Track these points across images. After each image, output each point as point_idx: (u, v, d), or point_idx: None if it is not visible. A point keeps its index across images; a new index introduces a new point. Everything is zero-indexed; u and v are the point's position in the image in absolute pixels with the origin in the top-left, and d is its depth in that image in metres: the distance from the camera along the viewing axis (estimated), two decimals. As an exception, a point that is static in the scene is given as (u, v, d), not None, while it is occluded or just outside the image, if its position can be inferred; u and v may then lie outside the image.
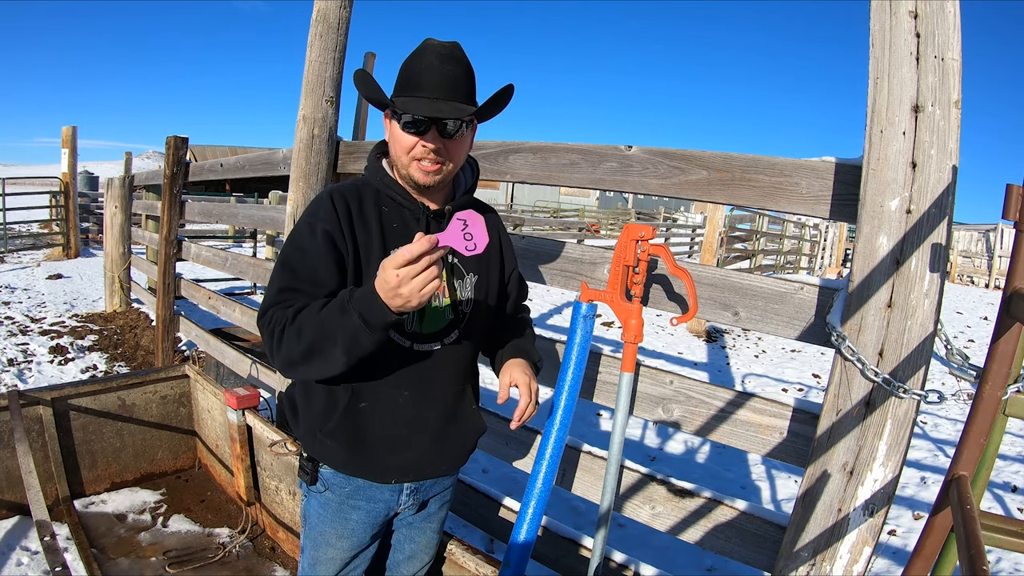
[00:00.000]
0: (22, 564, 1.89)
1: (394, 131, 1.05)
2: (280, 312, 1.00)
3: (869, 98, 1.15)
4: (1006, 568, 2.43)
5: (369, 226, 1.08)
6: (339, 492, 1.16)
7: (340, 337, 0.92)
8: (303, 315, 0.98)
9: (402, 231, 1.10)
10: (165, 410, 2.56)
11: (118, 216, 5.71)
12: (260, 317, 1.05)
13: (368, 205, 1.10)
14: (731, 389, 1.45)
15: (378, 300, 0.88)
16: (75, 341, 4.59)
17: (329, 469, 1.16)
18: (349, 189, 1.10)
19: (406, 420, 1.13)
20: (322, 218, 1.05)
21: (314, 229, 1.04)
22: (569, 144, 1.68)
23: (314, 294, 1.02)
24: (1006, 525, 0.93)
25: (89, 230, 11.35)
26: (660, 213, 23.45)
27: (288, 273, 1.04)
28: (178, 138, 3.84)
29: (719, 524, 1.45)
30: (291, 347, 0.97)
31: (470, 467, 3.00)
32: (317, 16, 2.27)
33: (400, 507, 1.22)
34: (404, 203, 1.11)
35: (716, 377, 5.24)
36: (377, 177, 1.12)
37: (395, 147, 1.07)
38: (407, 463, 1.15)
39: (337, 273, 1.05)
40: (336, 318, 0.93)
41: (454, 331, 1.16)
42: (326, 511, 1.18)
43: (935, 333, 1.12)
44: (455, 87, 1.02)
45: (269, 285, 1.07)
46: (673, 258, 1.42)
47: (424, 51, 1.03)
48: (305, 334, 0.95)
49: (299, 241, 1.06)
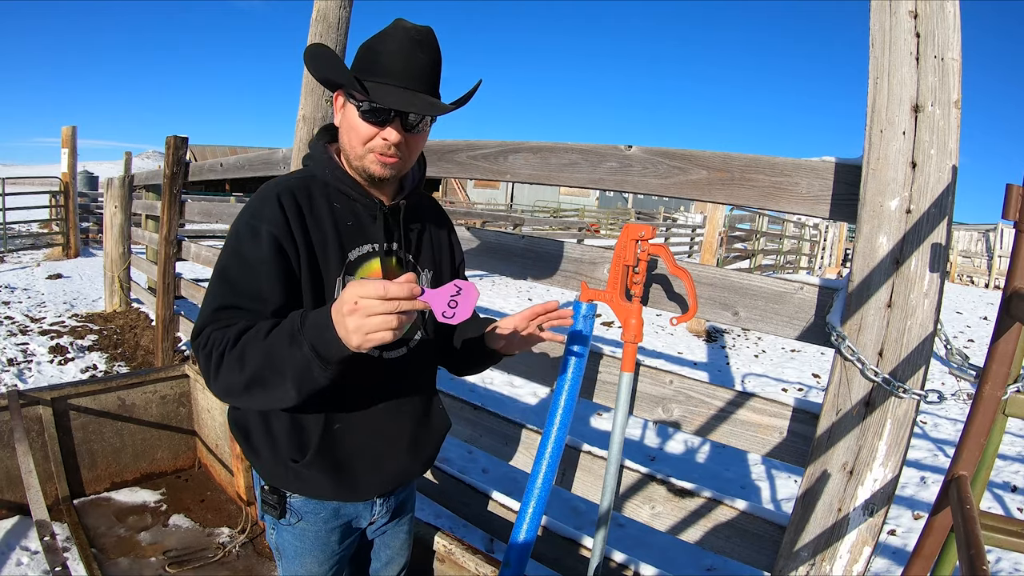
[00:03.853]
0: (22, 564, 1.89)
1: (350, 118, 0.95)
2: (218, 333, 0.86)
3: (869, 98, 1.15)
4: (1006, 568, 2.43)
5: (323, 224, 0.97)
6: (314, 519, 1.07)
7: (289, 370, 0.80)
8: (246, 340, 0.84)
9: (357, 229, 1.00)
10: (165, 410, 2.56)
11: (118, 216, 5.71)
12: (194, 337, 0.90)
13: (319, 201, 0.98)
14: (731, 389, 1.45)
15: (332, 330, 0.76)
16: (75, 341, 4.59)
17: (300, 498, 1.05)
18: (296, 184, 0.98)
19: (383, 433, 1.06)
20: (267, 219, 0.92)
21: (257, 233, 0.91)
22: (569, 144, 1.68)
23: (258, 311, 0.89)
24: (1006, 525, 0.93)
25: (89, 230, 11.34)
26: (660, 213, 23.46)
27: (226, 287, 0.90)
28: (178, 138, 3.84)
29: (719, 524, 1.45)
30: (231, 376, 0.83)
31: (470, 467, 3.00)
32: (317, 16, 2.27)
33: (374, 517, 1.16)
34: (357, 198, 1.00)
35: (716, 377, 5.24)
36: (327, 169, 1.00)
37: (349, 135, 0.96)
38: (386, 476, 1.09)
39: (284, 285, 0.91)
40: (284, 347, 0.80)
41: (418, 332, 1.09)
42: (303, 542, 1.09)
43: (935, 333, 1.12)
44: (424, 77, 0.93)
45: (205, 299, 0.93)
46: (673, 258, 1.42)
47: (395, 33, 0.92)
48: (248, 363, 0.82)
49: (240, 248, 0.92)
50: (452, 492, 2.11)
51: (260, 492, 1.08)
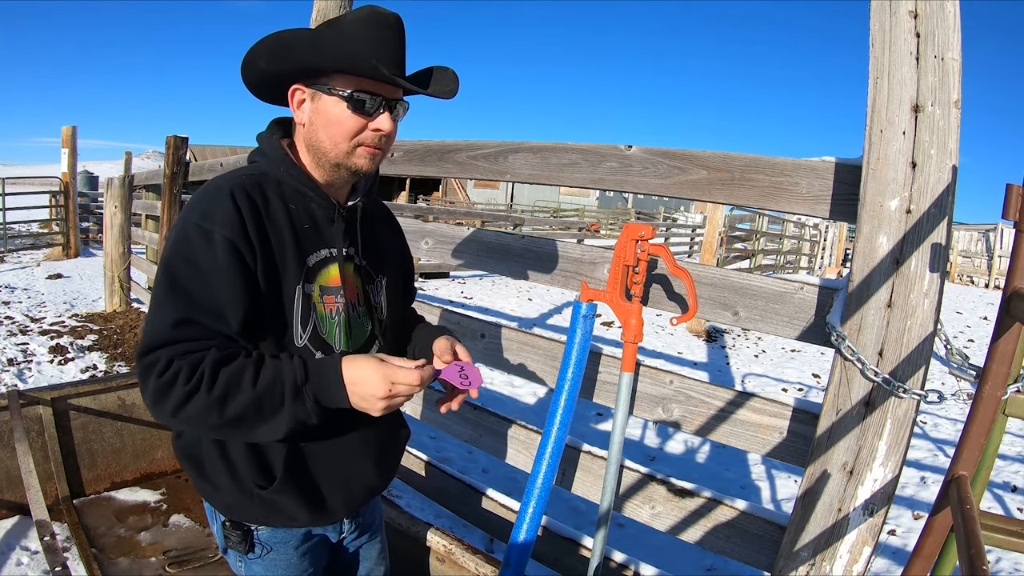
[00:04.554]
0: (22, 564, 1.89)
1: (329, 111, 0.86)
2: (183, 362, 0.77)
3: (869, 98, 1.15)
4: (1006, 568, 2.43)
5: (280, 227, 0.88)
6: (285, 548, 1.00)
7: (283, 419, 0.79)
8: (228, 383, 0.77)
9: (314, 232, 0.93)
10: (165, 410, 2.56)
11: (118, 216, 5.71)
12: (144, 354, 0.79)
13: (274, 202, 0.89)
14: (731, 389, 1.45)
15: (342, 391, 0.78)
16: (75, 341, 4.59)
17: (267, 529, 0.97)
18: (248, 181, 0.88)
19: (352, 451, 1.00)
20: (220, 221, 0.81)
21: (210, 238, 0.81)
22: (569, 144, 1.68)
23: (217, 330, 0.82)
24: (1006, 525, 0.93)
25: (89, 230, 11.34)
26: (660, 213, 23.46)
27: (180, 299, 0.80)
28: (178, 138, 3.84)
29: (719, 524, 1.45)
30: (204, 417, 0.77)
31: (470, 467, 3.00)
32: (317, 16, 2.27)
33: (343, 535, 1.10)
34: (314, 198, 0.92)
35: (716, 377, 5.24)
36: (282, 167, 0.91)
37: (329, 130, 0.87)
38: (353, 496, 1.02)
39: (244, 295, 0.82)
40: (282, 399, 0.78)
41: (376, 341, 1.03)
42: (275, 571, 1.01)
43: (935, 333, 1.12)
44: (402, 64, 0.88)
45: (154, 310, 0.82)
46: (673, 258, 1.42)
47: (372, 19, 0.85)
48: (232, 407, 0.77)
49: (192, 255, 0.81)
50: (452, 492, 2.11)
51: (221, 528, 0.98)
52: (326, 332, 0.94)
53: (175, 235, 0.84)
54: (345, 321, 0.96)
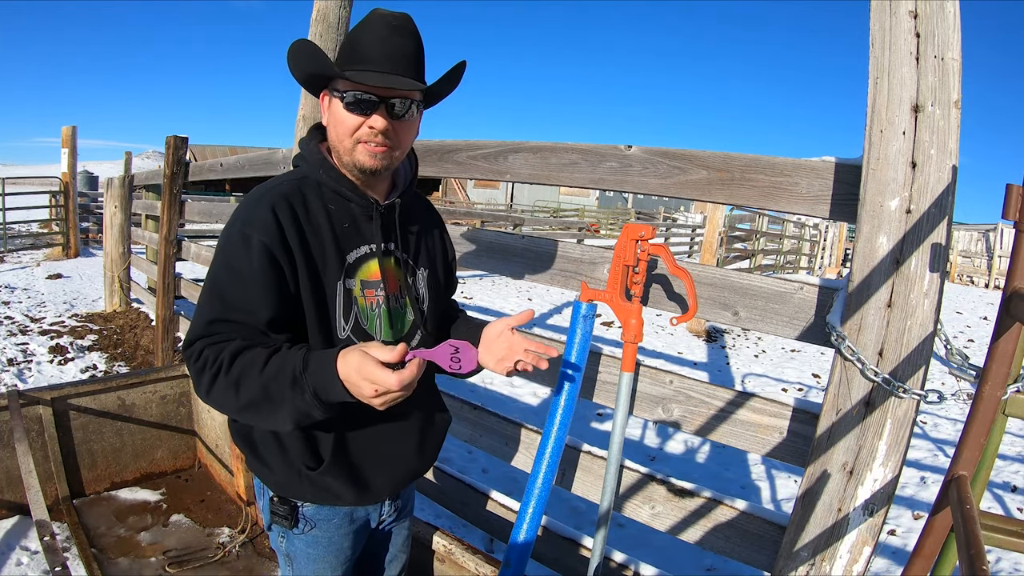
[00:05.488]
0: (22, 564, 1.89)
1: (335, 111, 0.93)
2: (211, 350, 0.87)
3: (869, 98, 1.15)
4: (1006, 568, 2.43)
5: (319, 229, 0.95)
6: (327, 526, 1.07)
7: (288, 408, 0.84)
8: (242, 368, 0.85)
9: (354, 231, 0.99)
10: (165, 410, 2.56)
11: (118, 216, 5.71)
12: (186, 347, 0.91)
13: (314, 204, 0.96)
14: (731, 389, 1.46)
15: (338, 385, 0.80)
16: (75, 341, 4.59)
17: (312, 506, 1.05)
18: (289, 188, 0.95)
19: (394, 435, 1.07)
20: (259, 228, 0.90)
21: (248, 242, 0.89)
22: (569, 144, 1.68)
23: (251, 324, 0.90)
24: (1006, 525, 0.93)
25: (89, 230, 11.34)
26: (660, 213, 23.46)
27: (217, 300, 0.90)
28: (178, 138, 3.84)
29: (719, 524, 1.45)
30: (225, 399, 0.86)
31: (470, 467, 3.00)
32: (317, 16, 2.27)
33: (383, 517, 1.17)
34: (352, 197, 0.99)
35: (716, 377, 5.24)
36: (320, 170, 0.98)
37: (337, 129, 0.94)
38: (396, 477, 1.10)
39: (276, 297, 0.90)
40: (285, 387, 0.82)
41: (418, 331, 1.09)
42: (316, 548, 1.08)
43: (935, 333, 1.12)
44: (407, 62, 0.91)
45: (198, 309, 0.93)
46: (673, 258, 1.42)
47: (371, 22, 0.91)
48: (244, 391, 0.84)
49: (231, 259, 0.90)
50: (452, 492, 2.11)
51: (269, 503, 1.06)
52: (367, 324, 1.00)
53: (222, 240, 0.93)
54: (386, 313, 1.03)
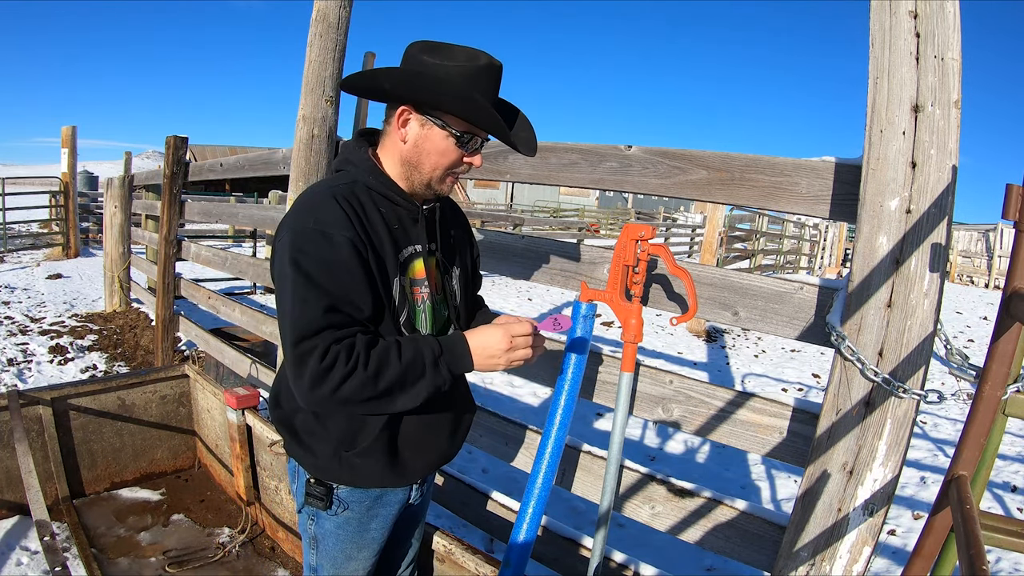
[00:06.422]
0: (22, 564, 1.89)
1: (434, 139, 1.00)
2: (340, 347, 0.90)
3: (869, 98, 1.15)
4: (1006, 568, 2.43)
5: (377, 228, 1.00)
6: (359, 508, 1.12)
7: (424, 387, 0.95)
8: (379, 362, 0.92)
9: (403, 232, 1.05)
10: (165, 410, 2.56)
11: (118, 216, 5.71)
12: (304, 339, 0.90)
13: (368, 205, 1.01)
14: (731, 389, 1.46)
15: (468, 358, 0.96)
16: (75, 341, 4.59)
17: (346, 488, 1.10)
18: (344, 189, 1.00)
19: (430, 422, 1.13)
20: (334, 224, 0.94)
21: (331, 239, 0.92)
22: (569, 144, 1.68)
23: (356, 317, 0.94)
24: (1006, 525, 0.93)
25: (89, 230, 11.34)
26: (660, 213, 23.45)
27: (323, 292, 0.91)
28: (178, 138, 3.84)
29: (719, 524, 1.45)
30: (361, 392, 0.91)
31: (470, 467, 3.00)
32: (317, 15, 2.27)
33: (411, 501, 1.21)
34: (400, 201, 1.05)
35: (716, 377, 5.24)
36: (371, 176, 1.03)
37: (431, 158, 1.01)
38: (430, 461, 1.16)
39: (368, 285, 0.96)
40: (423, 369, 0.94)
41: (451, 325, 1.17)
42: (346, 530, 1.14)
43: (935, 333, 1.12)
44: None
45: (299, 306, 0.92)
46: (673, 258, 1.42)
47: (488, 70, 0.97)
48: (383, 381, 0.92)
49: (320, 254, 0.92)
50: (452, 492, 2.11)
51: (305, 485, 1.12)
52: (415, 319, 1.09)
53: (292, 240, 0.94)
54: (430, 308, 1.11)
